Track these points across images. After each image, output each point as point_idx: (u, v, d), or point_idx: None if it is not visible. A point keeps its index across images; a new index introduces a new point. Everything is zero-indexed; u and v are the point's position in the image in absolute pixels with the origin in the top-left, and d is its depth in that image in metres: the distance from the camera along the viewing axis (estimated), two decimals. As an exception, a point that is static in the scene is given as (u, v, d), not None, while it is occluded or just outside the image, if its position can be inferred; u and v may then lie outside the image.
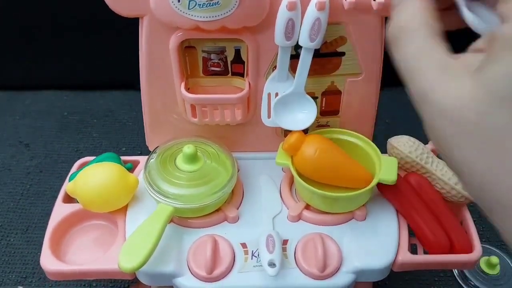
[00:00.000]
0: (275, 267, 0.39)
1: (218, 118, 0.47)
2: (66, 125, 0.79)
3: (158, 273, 0.41)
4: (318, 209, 0.45)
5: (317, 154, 0.43)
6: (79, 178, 0.43)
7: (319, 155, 0.44)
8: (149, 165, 0.44)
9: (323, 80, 0.47)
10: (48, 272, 0.41)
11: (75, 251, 0.44)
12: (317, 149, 0.44)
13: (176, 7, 0.39)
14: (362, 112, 0.49)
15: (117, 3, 0.41)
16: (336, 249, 0.42)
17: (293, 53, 0.44)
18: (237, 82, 0.47)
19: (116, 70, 0.75)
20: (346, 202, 0.44)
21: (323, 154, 0.44)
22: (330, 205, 0.44)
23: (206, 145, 0.47)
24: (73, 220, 0.46)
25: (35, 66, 0.82)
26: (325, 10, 0.40)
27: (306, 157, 0.44)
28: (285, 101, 0.45)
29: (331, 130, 0.48)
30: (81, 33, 0.78)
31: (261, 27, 0.42)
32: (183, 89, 0.45)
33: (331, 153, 0.45)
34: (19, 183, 0.69)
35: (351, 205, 0.45)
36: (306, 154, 0.44)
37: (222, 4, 0.39)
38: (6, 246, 0.61)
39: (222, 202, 0.45)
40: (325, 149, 0.44)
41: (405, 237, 0.44)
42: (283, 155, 0.45)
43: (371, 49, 0.45)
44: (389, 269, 0.43)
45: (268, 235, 0.42)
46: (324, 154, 0.44)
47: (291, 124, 0.46)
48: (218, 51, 0.45)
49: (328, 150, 0.44)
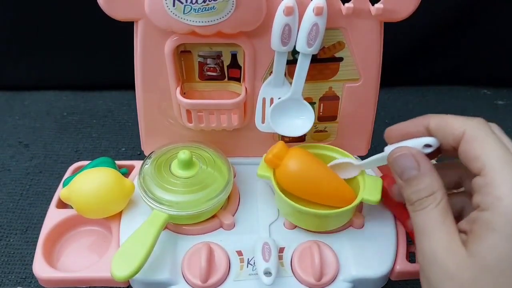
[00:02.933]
0: (271, 276, 0.39)
1: (214, 123, 0.47)
2: (65, 126, 0.78)
3: (152, 281, 0.40)
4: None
5: (300, 167, 0.43)
6: (73, 184, 0.43)
7: (301, 169, 0.43)
8: (144, 171, 0.44)
9: (321, 85, 0.46)
10: (41, 279, 0.41)
11: (69, 257, 0.44)
12: (300, 162, 0.43)
13: (171, 11, 0.39)
14: (360, 118, 0.49)
15: (111, 7, 0.41)
16: (333, 257, 0.42)
17: (291, 58, 0.43)
18: (233, 87, 0.47)
19: (115, 71, 0.75)
20: (322, 220, 0.43)
21: (306, 168, 0.43)
22: (303, 220, 0.43)
23: (201, 150, 0.46)
24: (66, 226, 0.45)
25: (35, 66, 0.82)
26: (322, 15, 0.39)
27: (288, 170, 0.43)
28: (283, 106, 0.45)
29: (316, 145, 0.47)
30: (81, 33, 0.78)
31: (258, 32, 0.42)
32: (179, 94, 0.45)
33: (314, 168, 0.43)
34: (19, 183, 0.69)
35: (330, 224, 0.43)
36: (289, 167, 0.43)
37: (218, 8, 0.39)
38: (6, 246, 0.61)
39: (217, 208, 0.44)
40: (308, 162, 0.43)
41: (403, 245, 0.44)
42: (265, 168, 0.44)
43: (369, 54, 0.44)
44: (387, 278, 0.43)
45: (264, 242, 0.41)
46: (307, 168, 0.43)
47: (289, 130, 0.45)
48: (215, 56, 0.45)
49: (311, 165, 0.43)
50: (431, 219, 0.31)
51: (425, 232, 0.31)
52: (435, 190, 0.32)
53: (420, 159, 0.33)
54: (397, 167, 0.34)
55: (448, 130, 0.33)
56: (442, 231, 0.31)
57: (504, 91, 0.86)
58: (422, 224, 0.32)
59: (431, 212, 0.31)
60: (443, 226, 0.31)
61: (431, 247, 0.31)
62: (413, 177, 0.33)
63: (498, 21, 0.78)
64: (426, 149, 0.34)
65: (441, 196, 0.32)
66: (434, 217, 0.31)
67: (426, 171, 0.33)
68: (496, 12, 0.77)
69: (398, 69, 0.79)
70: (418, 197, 0.32)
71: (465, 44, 0.80)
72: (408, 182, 0.33)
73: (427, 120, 0.35)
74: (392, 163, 0.35)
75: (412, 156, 0.33)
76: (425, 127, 0.35)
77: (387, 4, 0.41)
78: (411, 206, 0.33)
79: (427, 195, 0.32)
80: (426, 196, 0.32)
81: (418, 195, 0.32)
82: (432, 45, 0.81)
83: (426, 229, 0.31)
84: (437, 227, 0.31)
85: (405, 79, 0.85)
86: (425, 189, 0.32)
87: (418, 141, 0.35)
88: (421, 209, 0.32)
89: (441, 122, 0.34)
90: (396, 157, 0.34)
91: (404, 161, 0.34)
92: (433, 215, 0.31)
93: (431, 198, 0.32)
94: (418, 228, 0.32)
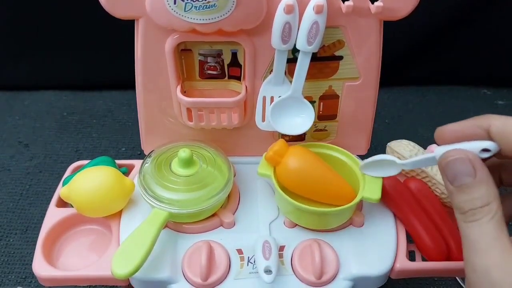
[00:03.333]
0: (271, 274, 0.39)
1: (215, 122, 0.47)
2: (65, 125, 0.78)
3: (152, 280, 0.40)
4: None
5: (300, 165, 0.43)
6: (73, 183, 0.43)
7: (301, 166, 0.43)
8: (144, 169, 0.44)
9: (320, 84, 0.46)
10: (40, 277, 0.41)
11: (68, 256, 0.44)
12: (300, 160, 0.43)
13: (172, 9, 0.39)
14: (360, 117, 0.49)
15: (112, 5, 0.41)
16: (334, 255, 0.42)
17: (291, 56, 0.43)
18: (234, 86, 0.47)
19: (115, 70, 0.75)
20: (322, 218, 0.43)
21: (306, 165, 0.43)
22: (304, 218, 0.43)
23: (202, 149, 0.46)
24: (66, 224, 0.45)
25: (35, 66, 0.82)
26: (323, 13, 0.40)
27: (288, 168, 0.43)
28: (283, 105, 0.45)
29: (316, 144, 0.47)
30: (81, 33, 0.78)
31: (258, 30, 0.42)
32: (179, 93, 0.45)
33: (314, 165, 0.43)
34: (19, 183, 0.69)
35: (330, 222, 0.43)
36: (289, 165, 0.43)
37: (218, 6, 0.39)
38: (6, 246, 0.61)
39: (218, 207, 0.44)
40: (308, 160, 0.43)
41: (403, 244, 0.44)
42: (266, 166, 0.44)
43: (369, 53, 0.44)
44: (387, 276, 0.43)
45: (264, 241, 0.41)
46: (307, 166, 0.43)
47: (289, 129, 0.45)
48: (215, 54, 0.45)
49: (312, 163, 0.43)
50: (485, 233, 0.29)
51: (478, 247, 0.29)
52: (490, 200, 0.29)
53: (477, 165, 0.30)
54: (449, 172, 0.31)
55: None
56: (496, 248, 0.28)
57: (504, 91, 0.86)
58: (474, 238, 0.29)
59: (485, 225, 0.29)
60: (498, 242, 0.28)
61: (485, 264, 0.28)
62: (468, 184, 0.30)
63: (498, 21, 0.78)
64: (484, 153, 0.31)
65: (496, 207, 0.29)
66: (489, 231, 0.29)
67: (483, 179, 0.30)
68: (496, 12, 0.77)
69: (398, 69, 0.80)
70: (472, 207, 0.30)
71: (465, 44, 0.80)
72: (461, 189, 0.30)
73: (487, 122, 0.32)
74: (444, 167, 0.32)
75: (469, 161, 0.30)
76: (484, 129, 0.32)
77: (387, 2, 0.41)
78: (462, 215, 0.30)
79: (482, 205, 0.29)
80: (481, 206, 0.29)
81: (472, 204, 0.30)
82: (432, 45, 0.81)
83: (479, 243, 0.29)
84: (492, 243, 0.29)
85: (405, 79, 0.85)
86: (480, 198, 0.29)
87: (475, 144, 0.31)
88: (474, 221, 0.29)
89: (505, 127, 0.31)
90: (451, 160, 0.31)
91: (459, 166, 0.31)
92: (487, 228, 0.29)
93: (486, 209, 0.29)
94: (470, 241, 0.30)
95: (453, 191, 0.31)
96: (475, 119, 0.33)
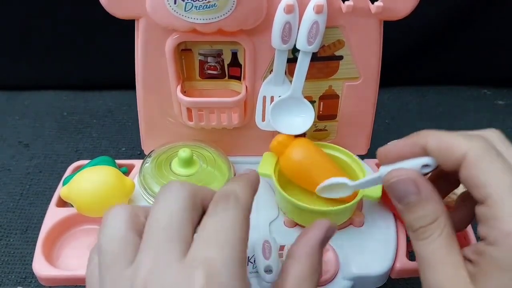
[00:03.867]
0: (271, 274, 0.39)
1: (215, 121, 0.47)
2: (65, 125, 0.78)
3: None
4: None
5: (304, 155, 0.43)
6: (73, 182, 0.43)
7: (305, 157, 0.43)
8: (144, 169, 0.44)
9: (320, 84, 0.46)
10: (40, 277, 0.41)
11: (69, 256, 0.44)
12: (305, 151, 0.43)
13: (172, 9, 0.39)
14: (360, 117, 0.49)
15: (112, 5, 0.41)
16: (333, 255, 0.42)
17: (291, 56, 0.43)
18: (234, 86, 0.47)
19: (115, 70, 0.75)
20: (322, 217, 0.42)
21: (310, 156, 0.43)
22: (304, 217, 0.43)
23: (202, 149, 0.46)
24: (66, 224, 0.45)
25: (35, 66, 0.82)
26: (323, 13, 0.40)
27: (292, 157, 0.43)
28: (282, 105, 0.45)
29: (318, 143, 0.47)
30: (81, 33, 0.78)
31: (258, 30, 0.42)
32: (179, 92, 0.45)
33: (318, 158, 0.44)
34: (19, 183, 0.69)
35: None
36: (293, 154, 0.43)
37: (219, 6, 0.39)
38: (6, 246, 0.61)
39: (218, 206, 0.44)
40: (312, 152, 0.44)
41: (403, 244, 0.43)
42: (266, 166, 0.44)
43: (369, 53, 0.44)
44: (387, 276, 0.43)
45: (264, 241, 0.41)
46: (311, 157, 0.43)
47: (289, 128, 0.45)
48: (215, 54, 0.45)
49: (315, 155, 0.44)
50: (436, 250, 0.29)
51: (430, 264, 0.29)
52: (438, 215, 0.30)
53: (420, 183, 0.31)
54: (395, 192, 0.32)
55: (448, 152, 0.30)
56: (447, 264, 0.29)
57: (504, 91, 0.86)
58: (427, 255, 0.29)
59: (435, 242, 0.29)
60: (448, 258, 0.29)
61: (437, 281, 0.29)
62: (413, 203, 0.30)
63: (498, 21, 0.78)
64: (425, 169, 0.32)
65: (444, 221, 0.29)
66: (439, 247, 0.29)
67: (428, 196, 0.30)
68: (496, 12, 0.77)
69: (398, 69, 0.80)
70: (421, 224, 0.30)
71: (465, 44, 0.80)
72: (408, 208, 0.31)
73: (423, 140, 0.32)
74: (388, 188, 0.32)
75: (411, 181, 0.31)
76: (421, 147, 0.32)
77: (387, 2, 0.41)
78: (413, 233, 0.31)
79: (430, 222, 0.30)
80: (430, 223, 0.30)
81: (420, 222, 0.30)
82: (432, 45, 0.81)
83: (431, 261, 0.29)
84: (443, 259, 0.29)
85: (405, 79, 0.85)
86: (428, 215, 0.30)
87: (415, 161, 0.32)
88: (424, 239, 0.30)
89: (440, 143, 0.30)
90: (393, 182, 0.32)
91: (403, 186, 0.31)
92: (437, 245, 0.29)
93: (434, 225, 0.29)
94: (422, 258, 0.30)
95: (402, 210, 0.31)
96: (413, 137, 0.33)
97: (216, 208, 0.28)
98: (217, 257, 0.25)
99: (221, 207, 0.28)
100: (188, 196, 0.27)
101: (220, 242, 0.26)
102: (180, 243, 0.26)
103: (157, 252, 0.25)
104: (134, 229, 0.27)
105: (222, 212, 0.27)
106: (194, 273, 0.24)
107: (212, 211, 0.28)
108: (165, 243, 0.25)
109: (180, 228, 0.26)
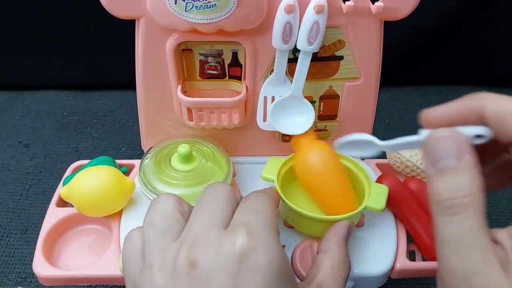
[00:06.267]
0: (271, 274, 0.39)
1: (215, 121, 0.47)
2: (65, 125, 0.78)
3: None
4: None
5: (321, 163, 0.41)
6: (74, 182, 0.43)
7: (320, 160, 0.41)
8: (144, 165, 0.44)
9: (321, 84, 0.46)
10: (41, 277, 0.41)
11: (69, 256, 0.44)
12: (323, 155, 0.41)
13: (173, 9, 0.39)
14: (360, 117, 0.49)
15: (112, 5, 0.41)
16: (334, 255, 0.42)
17: (291, 56, 0.43)
18: (234, 86, 0.47)
19: (115, 70, 0.75)
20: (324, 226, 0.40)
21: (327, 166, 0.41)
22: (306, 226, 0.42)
23: (201, 145, 0.46)
24: (66, 224, 0.45)
25: (35, 66, 0.82)
26: (323, 13, 0.40)
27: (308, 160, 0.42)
28: (283, 105, 0.45)
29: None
30: (81, 33, 0.78)
31: (259, 30, 0.42)
32: (180, 92, 0.45)
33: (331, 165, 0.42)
34: (19, 183, 0.69)
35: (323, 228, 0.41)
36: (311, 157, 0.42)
37: (219, 6, 0.39)
38: (6, 246, 0.61)
39: (218, 204, 0.44)
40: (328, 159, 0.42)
41: (404, 244, 0.43)
42: (270, 170, 0.43)
43: (369, 53, 0.44)
44: (387, 276, 0.43)
45: (264, 241, 0.41)
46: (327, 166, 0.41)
47: (289, 129, 0.45)
48: (215, 54, 0.45)
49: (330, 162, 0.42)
50: (466, 231, 0.25)
51: (455, 246, 0.25)
52: (475, 191, 0.25)
53: (465, 148, 0.26)
54: (433, 152, 0.27)
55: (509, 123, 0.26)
56: (478, 250, 0.24)
57: (504, 91, 0.86)
58: (452, 235, 0.25)
59: (465, 222, 0.25)
60: (479, 243, 0.24)
61: (464, 268, 0.24)
62: (450, 168, 0.26)
63: (498, 21, 0.78)
64: (477, 139, 0.27)
65: (480, 201, 0.25)
66: (470, 228, 0.25)
67: (469, 165, 0.25)
68: (496, 12, 0.77)
69: (398, 69, 0.79)
70: (451, 196, 0.25)
71: (465, 44, 0.80)
72: (443, 172, 0.26)
73: (480, 104, 0.27)
74: (427, 147, 0.27)
75: (456, 143, 0.26)
76: (476, 114, 0.27)
77: (387, 2, 0.41)
78: (439, 205, 0.26)
79: (463, 195, 0.25)
80: (462, 196, 0.25)
81: (452, 192, 0.25)
82: (432, 45, 0.81)
83: (458, 242, 0.25)
84: (473, 243, 0.24)
85: (405, 79, 0.85)
86: (462, 187, 0.25)
87: (467, 129, 0.27)
88: (453, 214, 0.25)
89: (500, 110, 0.26)
90: (436, 137, 0.27)
91: (445, 145, 0.26)
92: (468, 225, 0.25)
93: (468, 200, 0.25)
94: (445, 238, 0.25)
95: (432, 175, 0.26)
96: (467, 99, 0.28)
97: (249, 196, 0.33)
98: (254, 220, 0.29)
99: (253, 195, 0.33)
100: (231, 189, 0.33)
101: (255, 210, 0.31)
102: (222, 218, 0.30)
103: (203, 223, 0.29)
104: (180, 211, 0.31)
105: (254, 197, 0.33)
106: (236, 232, 0.28)
107: (244, 199, 0.33)
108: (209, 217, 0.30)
109: (223, 206, 0.31)
